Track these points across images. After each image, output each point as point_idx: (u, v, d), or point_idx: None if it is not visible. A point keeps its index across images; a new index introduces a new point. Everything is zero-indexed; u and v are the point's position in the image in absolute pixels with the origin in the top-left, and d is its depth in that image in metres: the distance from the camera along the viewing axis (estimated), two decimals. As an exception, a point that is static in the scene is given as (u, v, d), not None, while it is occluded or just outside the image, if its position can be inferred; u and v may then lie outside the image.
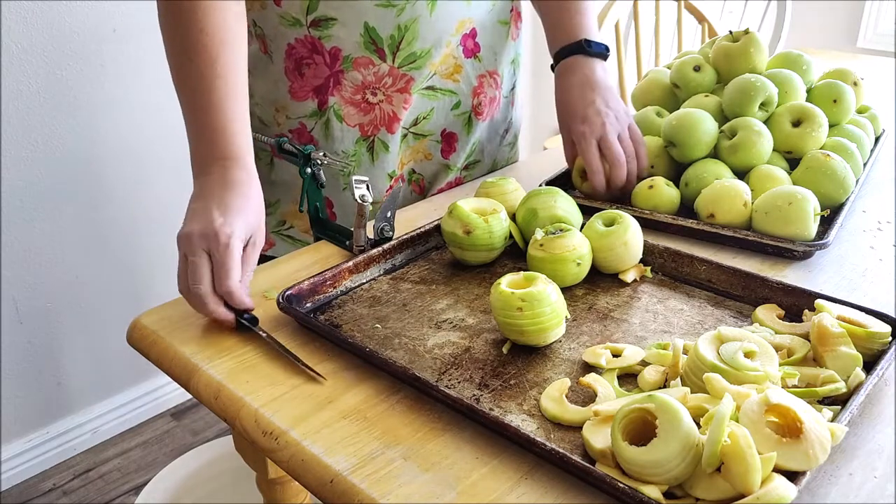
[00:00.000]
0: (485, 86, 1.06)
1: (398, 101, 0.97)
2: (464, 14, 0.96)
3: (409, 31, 0.91)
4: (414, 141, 1.03)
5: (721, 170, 0.93)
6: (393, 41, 0.92)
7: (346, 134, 0.98)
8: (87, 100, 1.66)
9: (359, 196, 0.82)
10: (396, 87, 0.95)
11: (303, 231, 1.06)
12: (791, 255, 0.83)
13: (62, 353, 1.80)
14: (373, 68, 0.93)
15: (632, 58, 2.14)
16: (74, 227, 1.72)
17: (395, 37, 0.92)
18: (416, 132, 1.02)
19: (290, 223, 1.06)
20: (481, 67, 1.04)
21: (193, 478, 1.34)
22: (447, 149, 1.06)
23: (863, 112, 1.11)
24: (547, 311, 0.65)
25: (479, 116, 1.07)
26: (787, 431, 0.51)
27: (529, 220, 0.83)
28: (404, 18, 0.91)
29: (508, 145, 1.17)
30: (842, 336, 0.61)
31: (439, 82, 1.00)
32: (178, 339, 0.71)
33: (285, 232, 1.07)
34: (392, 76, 0.95)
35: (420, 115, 1.01)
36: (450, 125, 1.05)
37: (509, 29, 1.07)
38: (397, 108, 0.97)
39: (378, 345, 0.69)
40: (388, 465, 0.55)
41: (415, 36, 0.92)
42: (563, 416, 0.58)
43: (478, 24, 1.00)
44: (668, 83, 1.10)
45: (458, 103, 1.03)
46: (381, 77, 0.94)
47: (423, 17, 0.92)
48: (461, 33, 0.98)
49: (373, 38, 0.91)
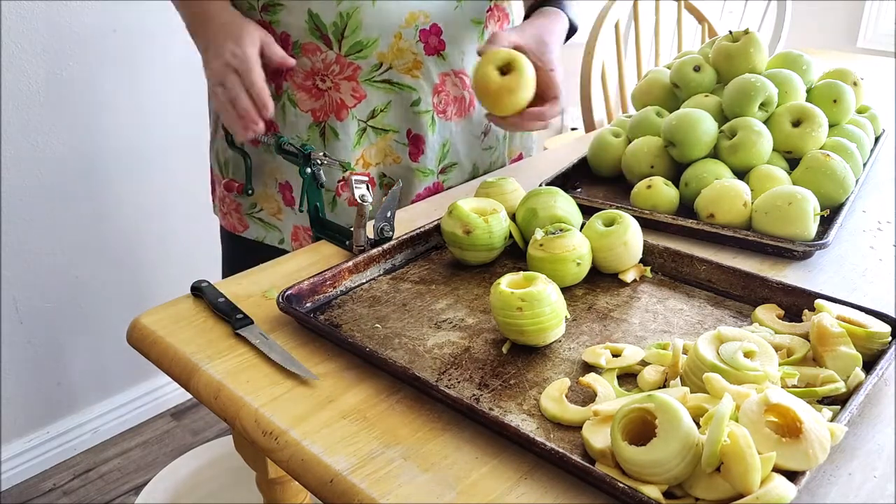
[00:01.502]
0: (448, 85, 1.04)
1: (346, 89, 0.98)
2: (414, 6, 0.96)
3: (351, 19, 0.93)
4: (375, 137, 1.02)
5: (721, 170, 0.93)
6: (336, 28, 0.94)
7: (299, 119, 1.01)
8: (87, 100, 1.66)
9: (358, 196, 0.82)
10: (344, 75, 0.97)
11: (271, 214, 1.09)
12: (791, 255, 0.83)
13: (62, 353, 1.80)
14: (320, 55, 0.96)
15: (632, 58, 2.14)
16: (74, 227, 1.72)
17: (338, 24, 0.93)
18: (375, 126, 1.01)
19: (260, 206, 1.08)
20: (446, 66, 1.02)
21: (193, 478, 1.34)
22: (414, 151, 1.05)
23: (863, 112, 1.11)
24: (547, 311, 0.65)
25: (442, 116, 1.05)
26: (786, 431, 0.51)
27: (529, 220, 0.83)
28: (345, 7, 0.92)
29: (489, 149, 1.14)
30: (841, 336, 0.61)
31: (396, 76, 0.99)
32: (178, 339, 0.71)
33: (257, 215, 1.10)
34: (339, 64, 0.96)
35: (377, 107, 1.00)
36: (414, 125, 1.03)
37: (484, 29, 1.06)
38: (345, 96, 0.98)
39: (378, 345, 0.69)
40: (388, 464, 0.55)
41: (358, 24, 0.94)
42: (562, 415, 0.58)
43: (439, 20, 0.98)
44: (668, 83, 1.10)
45: (417, 100, 1.01)
46: (329, 64, 0.96)
47: (364, 6, 0.93)
48: (417, 27, 0.97)
49: (317, 24, 0.93)
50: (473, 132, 1.10)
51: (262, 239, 1.10)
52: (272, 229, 1.09)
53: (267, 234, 1.10)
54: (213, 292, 0.76)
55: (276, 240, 1.09)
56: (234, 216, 1.11)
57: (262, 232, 1.10)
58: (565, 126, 2.87)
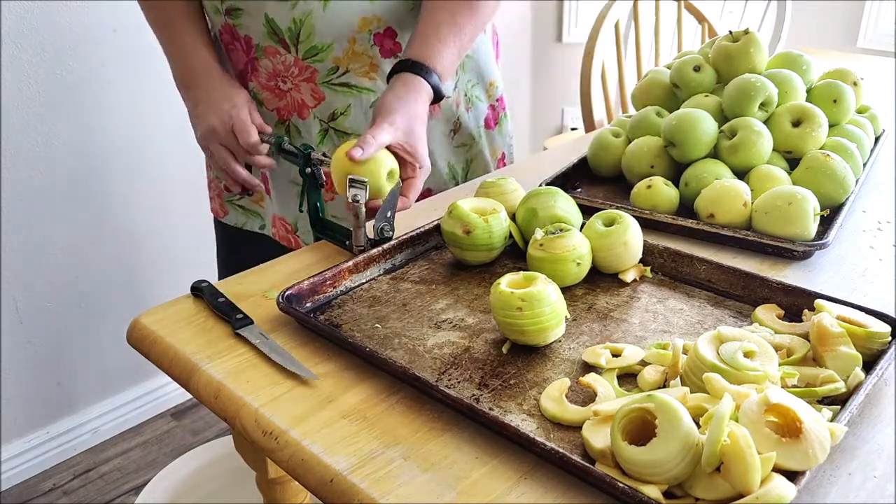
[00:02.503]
0: None
1: (306, 90, 1.00)
2: (365, 10, 0.96)
3: (304, 25, 0.94)
4: (339, 139, 1.03)
5: (721, 170, 0.93)
6: (291, 33, 0.95)
7: (266, 117, 1.03)
8: (87, 99, 1.66)
9: (350, 196, 0.82)
10: (302, 77, 0.99)
11: (254, 201, 1.10)
12: (791, 255, 0.83)
13: (62, 353, 1.80)
14: (280, 58, 0.97)
15: (632, 58, 2.13)
16: (74, 227, 1.72)
17: (293, 29, 0.95)
18: (338, 128, 1.02)
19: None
20: None
21: (193, 478, 1.34)
22: None
23: (863, 112, 1.11)
24: (547, 311, 0.65)
25: None
26: (786, 431, 0.51)
27: (529, 220, 0.83)
28: (298, 12, 0.94)
29: (462, 146, 1.13)
30: (841, 336, 0.61)
31: (355, 79, 1.00)
32: (178, 339, 0.71)
33: (237, 202, 1.11)
34: (297, 66, 0.98)
35: (337, 110, 1.01)
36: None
37: None
38: (306, 97, 1.00)
39: (378, 345, 0.69)
40: (388, 464, 0.55)
41: (311, 30, 0.95)
42: (562, 415, 0.58)
43: (393, 23, 0.98)
44: (668, 83, 1.10)
45: (375, 102, 1.00)
46: (289, 66, 0.98)
47: (315, 11, 0.94)
48: (371, 31, 0.97)
49: (274, 28, 0.95)
50: (440, 128, 1.09)
51: (242, 225, 1.12)
52: (253, 215, 1.11)
53: (247, 220, 1.12)
54: (213, 292, 0.76)
55: (257, 225, 1.11)
56: (217, 201, 1.13)
57: (242, 218, 1.12)
58: (565, 126, 2.87)
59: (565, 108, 2.84)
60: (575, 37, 2.67)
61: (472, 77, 1.12)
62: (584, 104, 1.82)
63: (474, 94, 1.13)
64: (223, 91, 0.95)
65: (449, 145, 1.11)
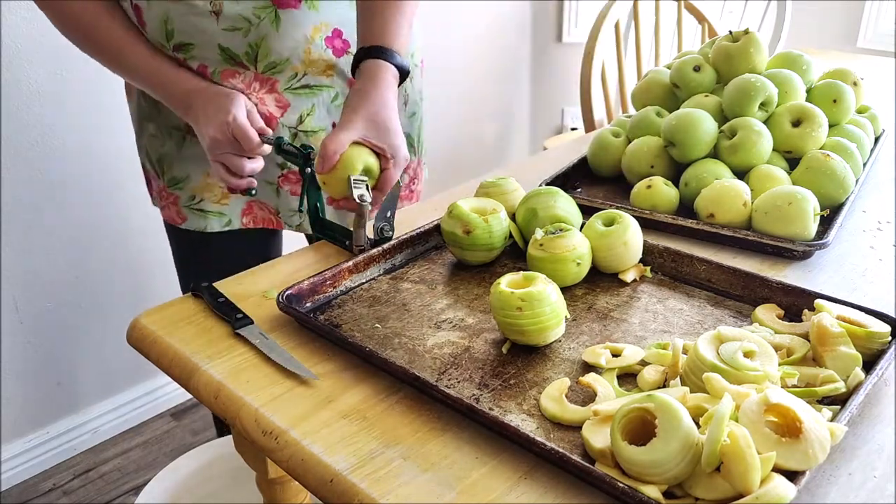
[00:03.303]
0: None
1: (270, 101, 1.01)
2: (315, 20, 0.98)
3: (261, 48, 0.96)
4: (307, 139, 1.04)
5: (721, 170, 0.93)
6: (249, 56, 0.97)
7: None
8: (87, 99, 1.66)
9: (357, 196, 0.82)
10: (265, 90, 1.00)
11: (214, 202, 1.09)
12: (791, 254, 0.83)
13: (62, 353, 1.80)
14: (239, 77, 0.98)
15: (632, 58, 2.14)
16: (74, 227, 1.72)
17: (250, 53, 0.96)
18: (305, 130, 1.04)
19: (199, 196, 1.09)
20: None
21: (193, 478, 1.34)
22: None
23: (863, 112, 1.11)
24: (547, 311, 0.65)
25: None
26: (786, 431, 0.51)
27: (529, 220, 0.83)
28: (252, 38, 0.95)
29: (412, 115, 1.16)
30: (841, 336, 0.61)
31: (314, 80, 1.02)
32: (178, 339, 0.71)
33: (196, 206, 1.10)
34: (258, 81, 0.99)
35: (303, 112, 1.03)
36: (337, 118, 1.05)
37: None
38: (271, 108, 1.01)
39: (378, 344, 0.69)
40: (388, 464, 0.55)
41: (268, 51, 0.97)
42: (562, 415, 0.58)
43: (340, 24, 1.01)
44: (668, 83, 1.10)
45: (336, 95, 1.04)
46: (250, 83, 0.99)
47: (269, 34, 0.96)
48: (322, 36, 1.00)
49: (230, 55, 0.96)
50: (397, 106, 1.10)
51: (204, 228, 1.11)
52: (215, 216, 1.11)
53: (207, 222, 1.11)
54: (213, 292, 0.76)
55: (221, 224, 1.11)
56: (173, 209, 1.12)
57: (202, 222, 1.11)
58: (565, 126, 2.87)
59: (565, 108, 2.84)
60: (575, 37, 2.67)
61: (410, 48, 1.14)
62: (584, 104, 1.82)
63: (413, 63, 1.15)
64: (218, 102, 0.95)
65: (404, 117, 1.14)
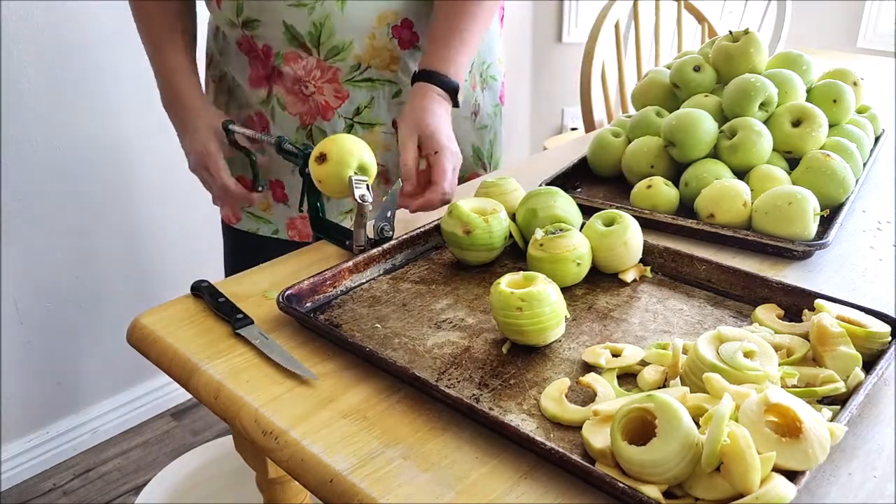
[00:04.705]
0: None
1: (329, 92, 1.01)
2: (382, 7, 0.98)
3: (324, 28, 0.96)
4: (363, 131, 1.05)
5: (721, 170, 0.93)
6: (312, 37, 0.97)
7: (286, 122, 1.05)
8: (87, 100, 1.66)
9: (359, 196, 0.82)
10: (325, 79, 1.00)
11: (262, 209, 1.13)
12: (791, 254, 0.83)
13: (62, 353, 1.80)
14: (301, 62, 0.99)
15: (632, 58, 2.13)
16: (75, 227, 1.72)
17: (313, 33, 0.97)
18: (362, 122, 1.04)
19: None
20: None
21: (193, 478, 1.34)
22: None
23: (863, 112, 1.11)
24: (547, 311, 0.65)
25: None
26: (786, 431, 0.51)
27: (529, 220, 0.83)
28: (316, 16, 0.96)
29: (483, 128, 1.16)
30: (841, 336, 0.61)
31: (377, 73, 1.02)
32: (178, 339, 0.71)
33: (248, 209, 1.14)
34: (320, 68, 1.00)
35: (361, 104, 1.03)
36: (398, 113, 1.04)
37: None
38: (329, 98, 1.02)
39: (378, 344, 0.69)
40: (388, 464, 0.55)
41: (331, 31, 0.97)
42: (562, 415, 0.58)
43: (411, 16, 1.00)
44: (668, 83, 1.10)
45: (398, 91, 1.04)
46: (311, 70, 1.00)
47: (334, 13, 0.96)
48: (389, 25, 0.99)
49: (294, 34, 0.97)
50: (462, 113, 1.11)
51: (256, 230, 1.13)
52: (264, 222, 1.13)
53: (259, 226, 1.13)
54: (213, 292, 0.76)
55: (270, 231, 1.12)
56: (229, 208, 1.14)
57: (254, 224, 1.13)
58: (565, 126, 2.87)
59: (565, 108, 2.84)
60: (575, 37, 2.67)
61: (487, 58, 1.14)
62: (584, 104, 1.82)
63: (489, 75, 1.15)
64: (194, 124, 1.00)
65: (472, 128, 1.14)
